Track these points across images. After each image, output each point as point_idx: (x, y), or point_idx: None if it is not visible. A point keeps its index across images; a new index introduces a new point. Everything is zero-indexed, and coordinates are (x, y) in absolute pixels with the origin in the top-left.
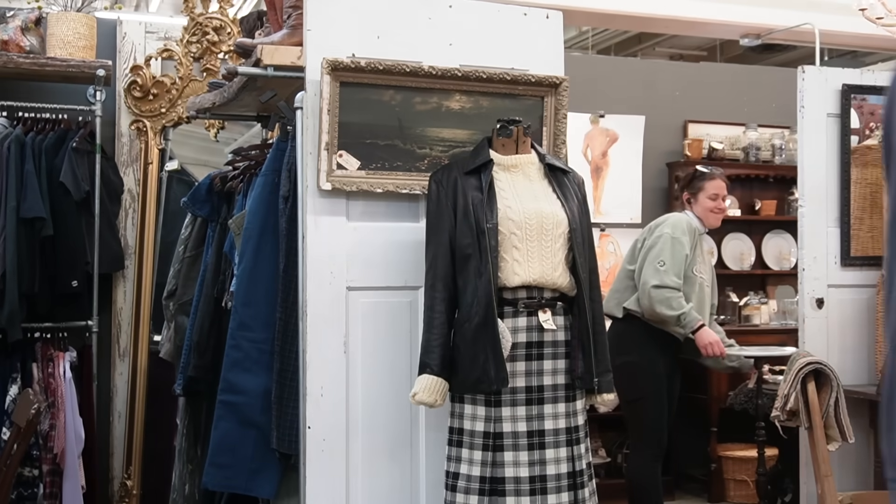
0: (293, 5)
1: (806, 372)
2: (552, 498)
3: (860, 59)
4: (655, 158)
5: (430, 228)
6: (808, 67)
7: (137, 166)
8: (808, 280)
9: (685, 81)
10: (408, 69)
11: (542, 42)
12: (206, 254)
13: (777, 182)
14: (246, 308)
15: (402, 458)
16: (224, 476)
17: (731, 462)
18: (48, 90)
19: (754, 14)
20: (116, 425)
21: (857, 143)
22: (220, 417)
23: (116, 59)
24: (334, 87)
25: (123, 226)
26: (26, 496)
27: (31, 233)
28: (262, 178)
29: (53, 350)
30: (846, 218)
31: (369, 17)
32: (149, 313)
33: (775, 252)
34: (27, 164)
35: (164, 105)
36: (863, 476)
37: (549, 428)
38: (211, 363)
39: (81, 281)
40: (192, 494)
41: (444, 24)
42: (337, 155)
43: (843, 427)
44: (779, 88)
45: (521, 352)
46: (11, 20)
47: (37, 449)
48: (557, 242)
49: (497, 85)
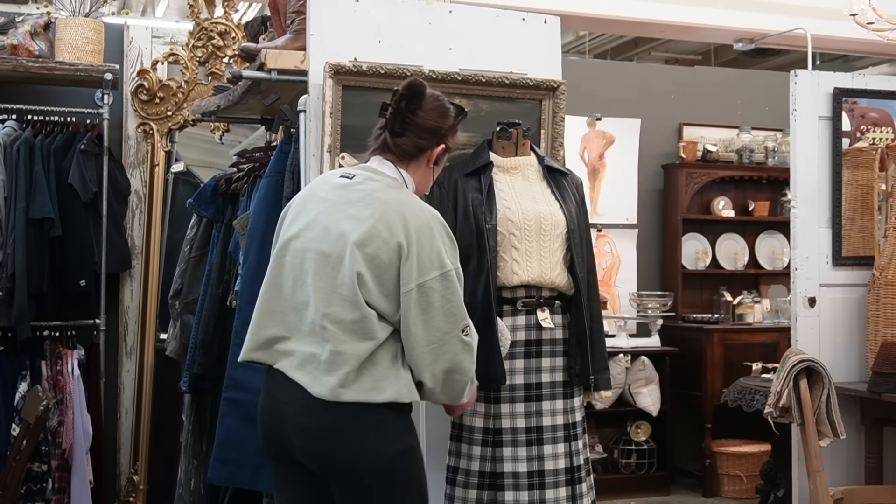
0: (296, 10)
1: (798, 369)
2: (550, 493)
3: (851, 63)
4: (651, 160)
5: None
6: (801, 71)
7: (144, 168)
8: (800, 279)
9: (680, 85)
10: (409, 73)
11: (540, 46)
12: (211, 254)
13: (770, 184)
14: (250, 307)
15: None
16: (229, 471)
17: (725, 458)
18: (57, 94)
19: (748, 19)
20: (123, 422)
21: (849, 145)
22: (224, 414)
23: (123, 63)
24: (336, 91)
25: (130, 226)
26: (35, 491)
27: (40, 233)
28: (266, 179)
29: (62, 348)
30: (838, 219)
31: (371, 23)
32: (155, 312)
33: (768, 252)
34: (36, 165)
35: (170, 108)
36: (854, 471)
37: (548, 424)
38: (216, 361)
39: (89, 280)
40: (198, 489)
41: (444, 29)
42: (339, 157)
43: (835, 423)
44: (772, 92)
45: (520, 349)
46: (21, 25)
47: (45, 445)
48: (556, 243)
49: (496, 88)
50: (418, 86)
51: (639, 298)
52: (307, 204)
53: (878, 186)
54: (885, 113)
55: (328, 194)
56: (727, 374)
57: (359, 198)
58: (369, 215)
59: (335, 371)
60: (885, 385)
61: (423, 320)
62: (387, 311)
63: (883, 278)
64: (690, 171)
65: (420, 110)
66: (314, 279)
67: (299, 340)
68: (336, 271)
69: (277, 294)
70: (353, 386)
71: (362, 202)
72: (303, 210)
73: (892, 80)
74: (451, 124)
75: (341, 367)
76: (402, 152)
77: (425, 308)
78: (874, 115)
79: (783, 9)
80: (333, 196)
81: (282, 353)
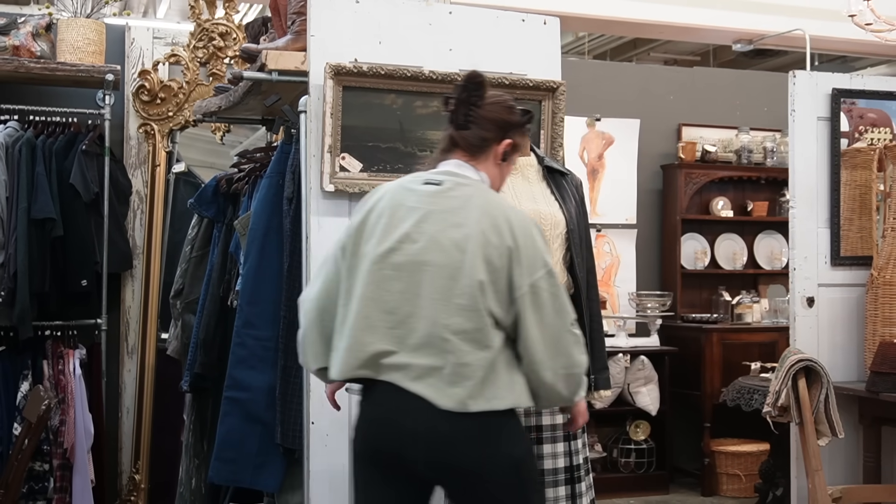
0: (297, 11)
1: (797, 369)
2: (550, 492)
3: (850, 63)
4: (650, 161)
5: None
6: (799, 72)
7: (145, 168)
8: (798, 279)
9: (679, 86)
10: (409, 74)
11: (539, 47)
12: (212, 254)
13: (769, 184)
14: (251, 306)
15: None
16: (230, 470)
17: (723, 457)
18: (58, 94)
19: (746, 20)
20: (125, 421)
21: (847, 145)
22: (225, 413)
23: (125, 63)
24: (337, 91)
25: (132, 226)
26: (37, 490)
27: (42, 233)
28: (267, 179)
29: (63, 347)
30: (836, 219)
31: (371, 24)
32: (156, 312)
33: (767, 252)
34: (38, 166)
35: (171, 109)
36: (852, 470)
37: (547, 423)
38: (217, 360)
39: (91, 280)
40: (199, 488)
41: (444, 30)
42: (340, 157)
43: (833, 422)
44: (770, 92)
45: None
46: (23, 26)
47: (47, 444)
48: (555, 243)
49: (496, 89)
50: (478, 76)
51: (638, 298)
52: (395, 214)
53: (876, 187)
54: (884, 113)
55: (419, 203)
56: (726, 374)
57: (459, 205)
58: (476, 221)
59: (461, 383)
60: (883, 384)
61: (538, 319)
62: (501, 317)
63: (881, 278)
64: (689, 172)
65: (482, 101)
66: (429, 291)
67: (409, 354)
68: (454, 281)
69: (377, 309)
70: (479, 396)
71: (464, 209)
72: (391, 221)
73: (890, 80)
74: (516, 120)
75: (468, 379)
76: (470, 145)
77: (538, 307)
78: (872, 115)
79: (782, 10)
80: (428, 205)
81: (389, 367)
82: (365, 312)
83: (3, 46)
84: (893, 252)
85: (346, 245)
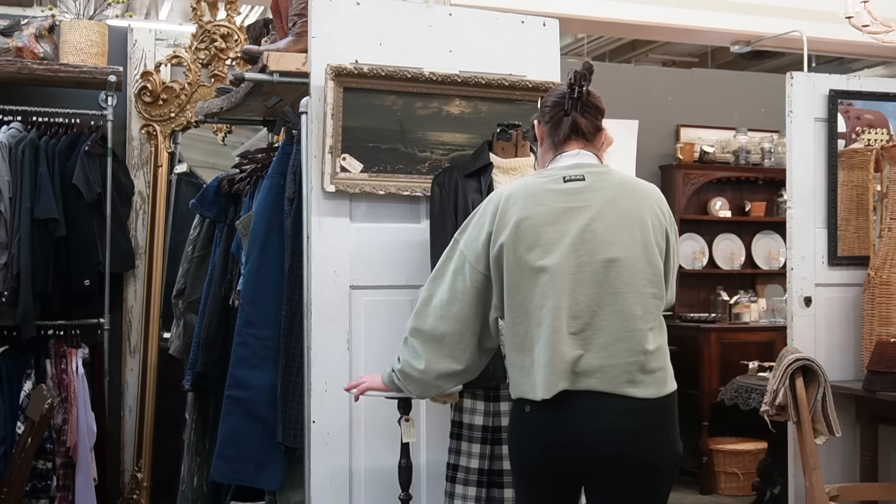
0: (298, 13)
1: (794, 368)
2: None
3: (847, 65)
4: (649, 161)
5: (434, 230)
6: (797, 73)
7: (147, 169)
8: (796, 279)
9: (677, 87)
10: (409, 75)
11: (539, 49)
12: (213, 254)
13: (766, 184)
14: (252, 306)
15: None
16: (231, 469)
17: (722, 455)
18: (61, 95)
19: (744, 22)
20: (127, 420)
21: (844, 146)
22: (227, 412)
23: (127, 65)
24: (338, 93)
25: (134, 227)
26: (40, 488)
27: (45, 233)
28: (268, 180)
29: (66, 347)
30: (833, 219)
31: (372, 25)
32: (158, 311)
33: (765, 252)
34: (41, 166)
35: (173, 110)
36: (849, 468)
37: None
38: (218, 359)
39: (93, 280)
40: (201, 486)
41: (444, 32)
42: (340, 158)
43: (830, 421)
44: (768, 94)
45: None
46: (26, 28)
47: (50, 442)
48: None
49: (495, 90)
50: (592, 66)
51: None
52: (548, 219)
53: (873, 187)
54: (880, 114)
55: (568, 202)
56: (724, 373)
57: (612, 195)
58: (639, 209)
59: (658, 369)
60: (880, 383)
61: (672, 294)
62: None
63: (878, 278)
64: (687, 172)
65: (591, 90)
66: (620, 286)
67: (597, 353)
68: (640, 273)
69: (562, 317)
70: (668, 377)
71: (621, 199)
72: (545, 228)
73: (887, 81)
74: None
75: (660, 361)
76: (589, 133)
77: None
78: (869, 116)
79: (779, 12)
80: (577, 202)
81: (581, 373)
82: (556, 324)
83: (6, 48)
84: (890, 252)
85: (492, 258)
